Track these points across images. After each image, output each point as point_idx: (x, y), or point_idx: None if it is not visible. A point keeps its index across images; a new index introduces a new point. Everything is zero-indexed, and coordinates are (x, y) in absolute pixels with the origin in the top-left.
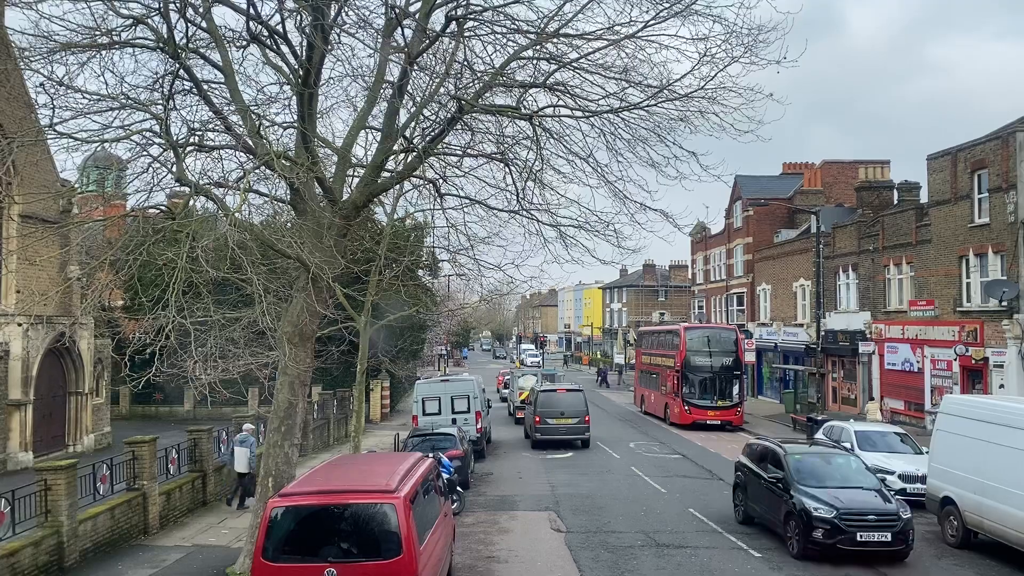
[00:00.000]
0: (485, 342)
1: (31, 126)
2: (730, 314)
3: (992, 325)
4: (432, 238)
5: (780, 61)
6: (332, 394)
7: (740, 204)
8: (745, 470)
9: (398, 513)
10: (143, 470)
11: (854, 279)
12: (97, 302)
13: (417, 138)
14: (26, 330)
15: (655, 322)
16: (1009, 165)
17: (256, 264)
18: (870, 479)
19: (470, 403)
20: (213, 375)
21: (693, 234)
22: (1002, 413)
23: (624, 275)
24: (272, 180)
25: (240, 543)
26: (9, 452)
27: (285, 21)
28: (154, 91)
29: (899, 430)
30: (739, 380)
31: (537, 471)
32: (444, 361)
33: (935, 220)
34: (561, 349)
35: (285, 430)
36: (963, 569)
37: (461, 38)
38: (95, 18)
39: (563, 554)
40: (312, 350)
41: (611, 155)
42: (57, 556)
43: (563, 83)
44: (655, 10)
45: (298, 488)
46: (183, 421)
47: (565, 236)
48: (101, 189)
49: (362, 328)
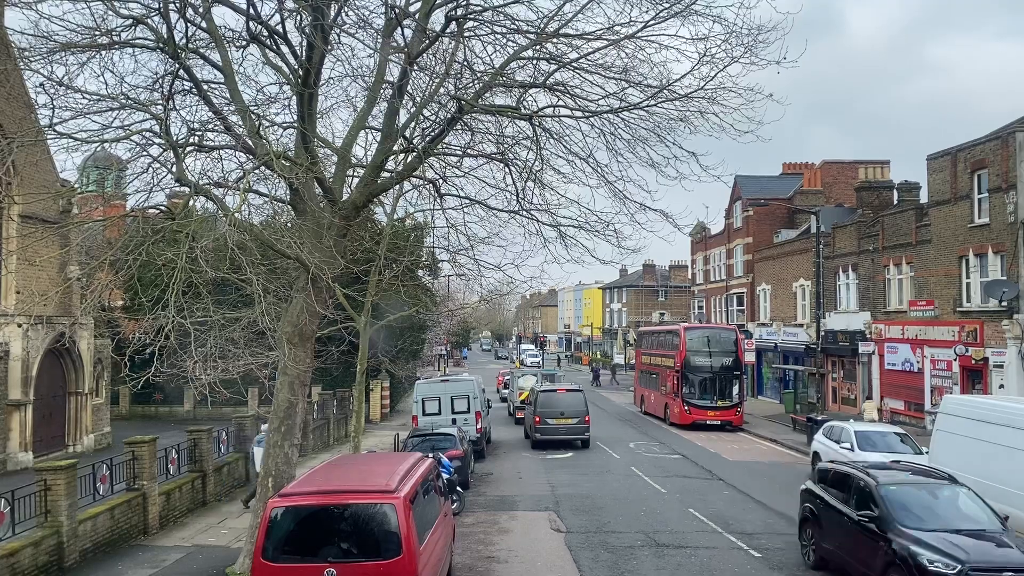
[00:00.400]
0: (485, 342)
1: (31, 126)
2: (730, 314)
3: (992, 325)
4: (432, 238)
5: (780, 61)
6: (332, 394)
7: (740, 204)
8: (818, 501)
9: (398, 513)
10: (143, 470)
11: (854, 279)
12: (97, 302)
13: (417, 138)
14: (26, 330)
15: (655, 322)
16: (1009, 165)
17: (256, 264)
18: (990, 519)
19: (470, 403)
20: (213, 375)
21: (693, 234)
22: (1002, 413)
23: (624, 275)
24: (272, 180)
25: (240, 543)
26: (9, 452)
27: (285, 21)
28: (154, 91)
29: (899, 430)
30: (739, 380)
31: (537, 471)
32: (444, 361)
33: (935, 220)
34: (561, 349)
35: (285, 430)
36: None
37: (461, 38)
38: (95, 18)
39: (563, 554)
40: (312, 350)
41: (611, 155)
42: (57, 556)
43: (563, 83)
44: (655, 10)
45: (298, 488)
46: (183, 421)
47: (565, 236)
48: (101, 189)
49: (362, 328)
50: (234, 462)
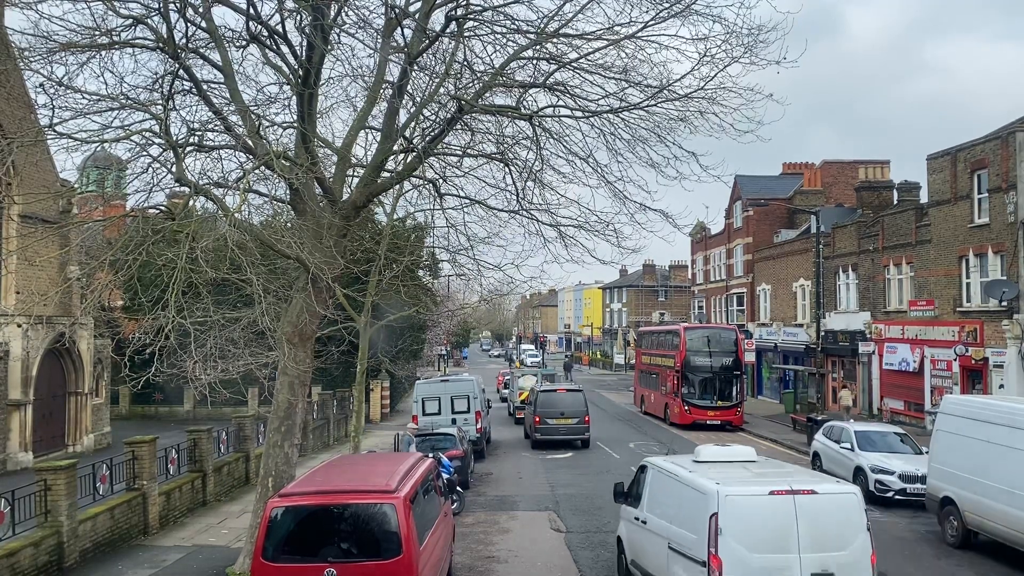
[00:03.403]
0: (485, 342)
1: (31, 126)
2: (730, 314)
3: (992, 325)
4: (432, 238)
5: (780, 61)
6: (332, 394)
7: (740, 204)
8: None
9: (398, 513)
10: (143, 470)
11: (854, 279)
12: (97, 302)
13: (417, 138)
14: (26, 330)
15: (655, 322)
16: (1009, 165)
17: (256, 264)
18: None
19: (470, 403)
20: (213, 375)
21: (693, 234)
22: (1002, 413)
23: (624, 275)
24: (272, 180)
25: (240, 543)
26: (9, 452)
27: (285, 21)
28: (154, 91)
29: (899, 430)
30: (739, 380)
31: (537, 471)
32: (444, 361)
33: (935, 220)
34: (561, 349)
35: (285, 430)
36: (963, 569)
37: (461, 38)
38: (95, 18)
39: (563, 554)
40: (312, 350)
41: (611, 155)
42: (57, 556)
43: (563, 83)
44: (655, 10)
45: (298, 488)
46: (183, 421)
47: (565, 236)
48: (101, 189)
49: (362, 328)
50: (234, 462)
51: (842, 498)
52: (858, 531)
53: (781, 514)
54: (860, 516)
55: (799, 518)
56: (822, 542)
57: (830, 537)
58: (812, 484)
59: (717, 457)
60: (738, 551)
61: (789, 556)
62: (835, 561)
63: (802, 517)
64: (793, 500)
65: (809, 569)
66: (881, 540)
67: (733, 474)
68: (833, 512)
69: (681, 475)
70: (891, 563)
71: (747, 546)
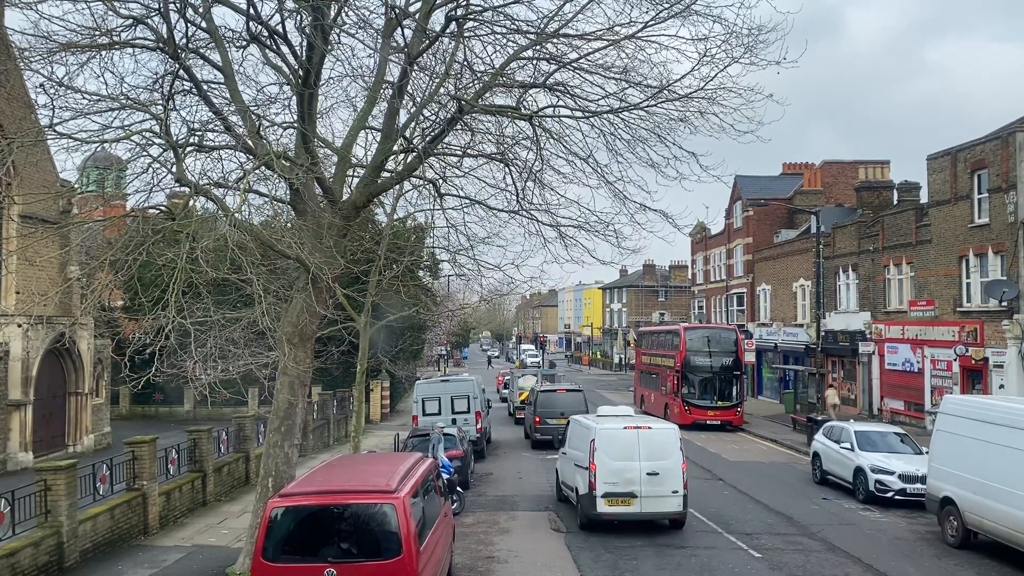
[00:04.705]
0: (485, 342)
1: (31, 126)
2: (730, 314)
3: (992, 325)
4: (432, 238)
5: (780, 62)
6: (332, 394)
7: (740, 204)
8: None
9: (398, 513)
10: (143, 470)
11: (854, 279)
12: (97, 302)
13: (417, 138)
14: (26, 330)
15: (655, 322)
16: (1009, 165)
17: (256, 264)
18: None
19: (470, 403)
20: (213, 375)
21: (693, 234)
22: (1002, 413)
23: (624, 275)
24: (272, 180)
25: (240, 543)
26: (9, 452)
27: (285, 21)
28: (154, 91)
29: (899, 430)
30: (739, 380)
31: (537, 471)
32: (444, 361)
33: (935, 220)
34: (561, 349)
35: (285, 430)
36: (963, 569)
37: (461, 38)
38: (95, 18)
39: (563, 554)
40: (312, 350)
41: (611, 155)
42: (57, 556)
43: (563, 83)
44: (655, 10)
45: (298, 488)
46: (183, 421)
47: (565, 236)
48: (101, 189)
49: (362, 328)
50: (234, 462)
51: (665, 432)
52: (674, 450)
53: (631, 440)
54: (676, 442)
55: (640, 442)
56: (652, 454)
57: (656, 452)
58: (649, 423)
59: (608, 413)
60: (605, 460)
61: (632, 463)
62: (660, 466)
63: (642, 441)
64: (637, 432)
65: (644, 470)
66: (881, 540)
67: (610, 422)
68: (660, 439)
69: (582, 422)
70: (891, 563)
71: (610, 456)
